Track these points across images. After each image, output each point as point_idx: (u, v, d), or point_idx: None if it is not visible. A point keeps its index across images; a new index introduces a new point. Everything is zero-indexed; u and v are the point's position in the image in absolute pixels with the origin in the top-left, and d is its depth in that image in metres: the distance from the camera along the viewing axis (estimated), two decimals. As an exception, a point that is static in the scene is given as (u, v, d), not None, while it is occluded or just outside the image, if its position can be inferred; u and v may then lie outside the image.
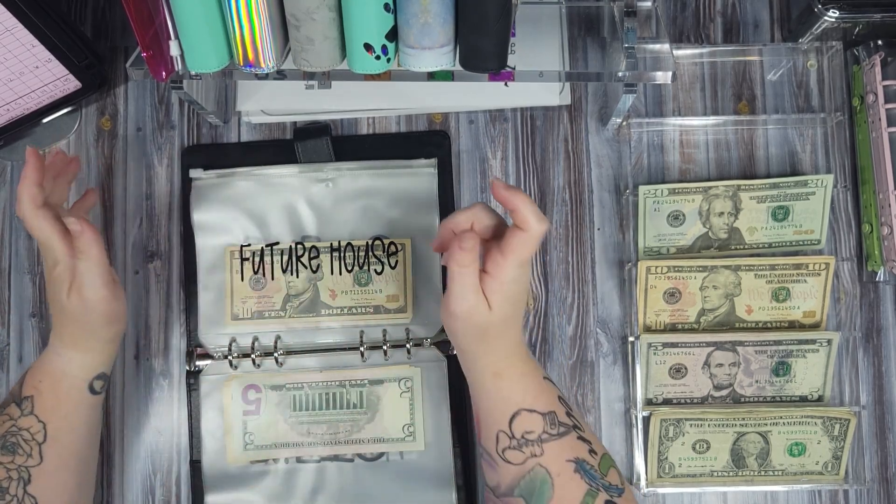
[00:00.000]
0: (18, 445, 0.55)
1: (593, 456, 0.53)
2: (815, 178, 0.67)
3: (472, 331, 0.53)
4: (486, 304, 0.52)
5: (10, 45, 0.58)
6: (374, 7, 0.51)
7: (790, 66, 0.71)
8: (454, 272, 0.52)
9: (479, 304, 0.52)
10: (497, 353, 0.54)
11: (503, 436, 0.53)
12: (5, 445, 0.55)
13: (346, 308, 0.67)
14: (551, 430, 0.52)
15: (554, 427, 0.53)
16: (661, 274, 0.67)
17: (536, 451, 0.52)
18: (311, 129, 0.69)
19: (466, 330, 0.54)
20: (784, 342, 0.67)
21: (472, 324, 0.53)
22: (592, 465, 0.52)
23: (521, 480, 0.52)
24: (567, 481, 0.51)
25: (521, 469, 0.52)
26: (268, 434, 0.66)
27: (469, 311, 0.52)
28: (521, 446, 0.53)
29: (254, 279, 0.67)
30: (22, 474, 0.55)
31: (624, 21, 0.58)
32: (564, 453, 0.52)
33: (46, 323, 0.69)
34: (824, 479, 0.67)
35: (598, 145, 0.70)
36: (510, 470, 0.53)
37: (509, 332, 0.54)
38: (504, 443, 0.53)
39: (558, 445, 0.52)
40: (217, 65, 0.55)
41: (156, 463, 0.68)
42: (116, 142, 0.71)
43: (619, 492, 0.52)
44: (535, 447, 0.52)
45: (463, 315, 0.53)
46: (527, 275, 0.53)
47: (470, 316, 0.53)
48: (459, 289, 0.52)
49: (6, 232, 0.70)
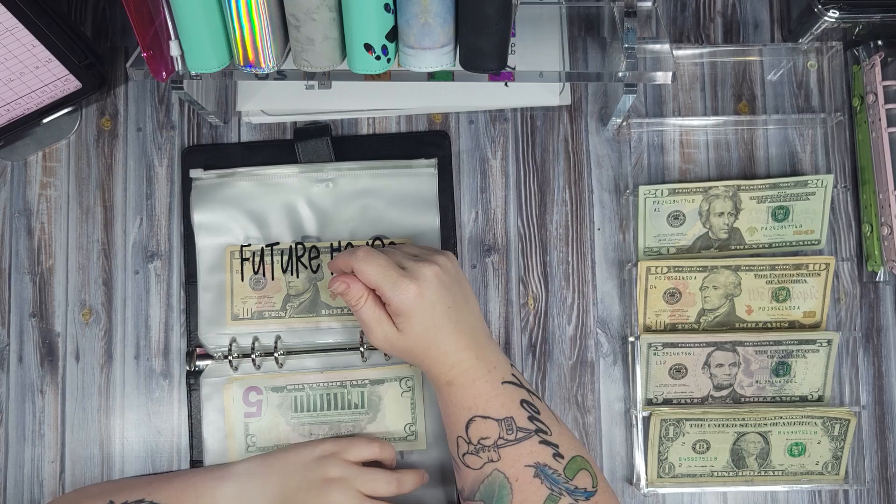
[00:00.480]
0: None
1: (558, 460, 0.53)
2: (815, 179, 0.67)
3: (403, 354, 0.56)
4: (393, 328, 0.55)
5: (10, 45, 0.58)
6: (375, 7, 0.51)
7: (790, 66, 0.71)
8: (353, 310, 0.57)
9: (386, 330, 0.55)
10: (440, 364, 0.55)
11: (462, 441, 0.54)
12: None
13: (346, 308, 0.67)
14: (508, 436, 0.53)
15: (511, 433, 0.53)
16: (661, 274, 0.67)
17: (493, 457, 0.52)
18: (311, 130, 0.69)
19: (396, 352, 0.57)
20: (784, 342, 0.67)
21: (394, 347, 0.56)
22: (555, 469, 0.52)
23: (481, 485, 0.53)
24: (525, 485, 0.52)
25: (480, 473, 0.53)
26: (270, 436, 0.66)
27: (382, 339, 0.56)
28: (478, 451, 0.53)
29: (254, 279, 0.67)
30: None
31: (624, 21, 0.58)
32: (522, 458, 0.52)
33: (46, 323, 0.69)
34: (824, 480, 0.67)
35: (598, 145, 0.70)
36: (470, 474, 0.54)
37: (439, 342, 0.55)
38: (463, 448, 0.54)
39: (515, 451, 0.52)
40: (217, 65, 0.55)
41: (156, 463, 0.68)
42: (116, 142, 0.71)
43: (586, 495, 0.52)
44: (491, 452, 0.53)
45: (380, 343, 0.56)
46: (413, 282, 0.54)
47: (386, 341, 0.56)
48: (364, 322, 0.56)
49: (6, 232, 0.70)
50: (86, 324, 0.69)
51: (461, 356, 0.55)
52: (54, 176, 0.70)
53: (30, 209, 0.70)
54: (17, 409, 0.68)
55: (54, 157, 0.70)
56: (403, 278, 0.54)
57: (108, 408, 0.68)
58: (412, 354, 0.56)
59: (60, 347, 0.69)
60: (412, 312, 0.54)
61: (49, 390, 0.68)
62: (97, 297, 0.69)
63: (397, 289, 0.54)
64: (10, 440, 0.68)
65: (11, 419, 0.68)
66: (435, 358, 0.55)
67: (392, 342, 0.56)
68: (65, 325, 0.69)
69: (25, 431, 0.68)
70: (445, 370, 0.55)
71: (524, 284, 0.69)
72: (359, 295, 0.56)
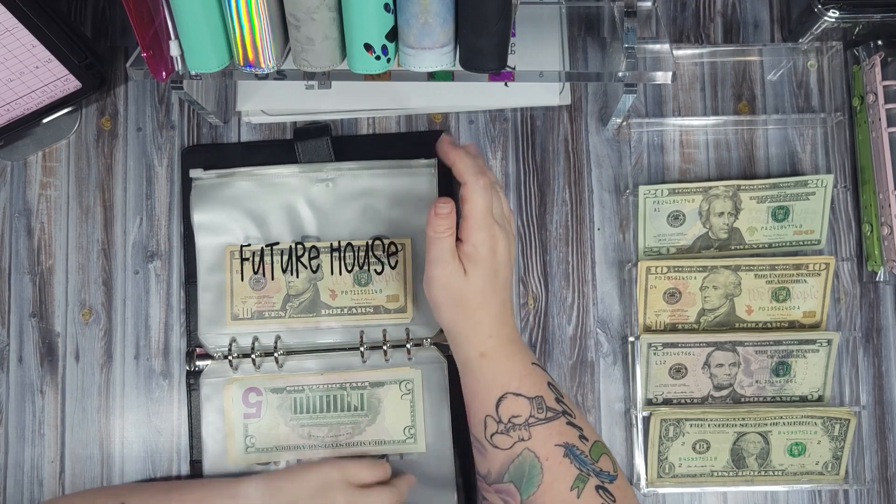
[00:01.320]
0: None
1: (584, 441, 0.53)
2: (815, 179, 0.67)
3: (452, 300, 0.56)
4: (462, 269, 0.55)
5: (10, 45, 0.58)
6: (374, 7, 0.51)
7: (790, 66, 0.71)
8: (430, 238, 0.56)
9: (455, 268, 0.55)
10: (481, 330, 0.55)
11: (490, 420, 0.54)
12: None
13: (346, 308, 0.67)
14: (539, 415, 0.53)
15: (542, 412, 0.53)
16: (661, 274, 0.67)
17: (524, 436, 0.52)
18: (311, 129, 0.69)
19: (447, 299, 0.56)
20: (784, 342, 0.67)
21: (450, 291, 0.55)
22: (583, 450, 0.52)
23: (511, 465, 0.52)
24: (556, 465, 0.51)
25: (510, 454, 0.52)
26: (269, 437, 0.66)
27: (446, 276, 0.55)
28: (508, 430, 0.53)
29: (254, 279, 0.67)
30: None
31: (624, 21, 0.58)
32: (553, 438, 0.52)
33: (46, 323, 0.69)
34: (824, 479, 0.67)
35: (598, 145, 0.70)
36: (499, 455, 0.53)
37: (489, 305, 0.55)
38: (492, 428, 0.54)
39: (546, 430, 0.52)
40: (217, 65, 0.55)
41: (156, 463, 0.68)
42: (116, 142, 0.71)
43: (610, 478, 0.52)
44: (522, 431, 0.52)
45: (440, 280, 0.56)
46: (496, 239, 0.55)
47: (448, 281, 0.55)
48: (436, 254, 0.56)
49: (6, 232, 0.70)
50: (86, 324, 0.69)
51: (502, 330, 0.56)
52: (54, 176, 0.70)
53: (30, 209, 0.70)
54: (17, 409, 0.68)
55: (54, 157, 0.70)
56: (494, 226, 0.55)
57: (107, 408, 0.68)
58: (461, 309, 0.56)
59: (60, 347, 0.69)
60: (484, 262, 0.55)
61: (49, 390, 0.68)
62: (97, 297, 0.69)
63: (485, 231, 0.55)
64: (10, 440, 0.68)
65: (11, 419, 0.68)
66: (479, 322, 0.55)
67: (454, 283, 0.55)
68: (65, 325, 0.69)
69: (25, 431, 0.68)
70: (483, 339, 0.55)
71: (524, 284, 0.69)
72: (450, 225, 0.56)
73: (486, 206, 0.55)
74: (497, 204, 0.57)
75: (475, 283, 0.55)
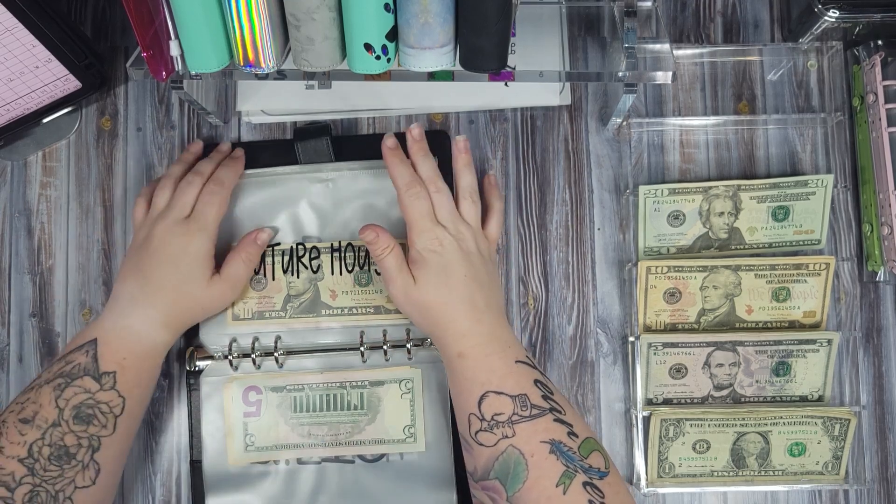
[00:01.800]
0: (95, 416, 0.56)
1: (573, 438, 0.52)
2: (816, 178, 0.67)
3: (416, 308, 0.58)
4: (411, 279, 0.57)
5: (10, 45, 0.58)
6: (375, 7, 0.51)
7: (790, 66, 0.71)
8: (377, 260, 0.59)
9: (404, 279, 0.58)
10: (454, 330, 0.56)
11: (474, 418, 0.54)
12: (79, 415, 0.56)
13: (347, 308, 0.67)
14: (522, 412, 0.53)
15: (525, 409, 0.53)
16: (661, 274, 0.67)
17: (508, 433, 0.52)
18: (311, 129, 0.69)
19: (411, 309, 0.58)
20: (784, 342, 0.67)
21: (410, 301, 0.58)
22: (571, 447, 0.52)
23: (495, 462, 0.52)
24: (541, 461, 0.51)
25: (494, 451, 0.52)
26: (269, 435, 0.66)
27: (399, 289, 0.58)
28: (491, 428, 0.53)
29: (254, 279, 0.67)
30: (93, 442, 0.56)
31: (624, 21, 0.58)
32: (538, 435, 0.52)
33: (46, 323, 0.69)
34: (824, 479, 0.67)
35: (598, 145, 0.70)
36: (484, 452, 0.53)
37: (452, 304, 0.56)
38: (476, 425, 0.54)
39: (531, 427, 0.52)
40: (217, 65, 0.55)
41: (156, 463, 0.68)
42: (116, 142, 0.71)
43: (600, 474, 0.51)
44: (506, 428, 0.52)
45: (397, 295, 0.58)
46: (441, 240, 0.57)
47: (403, 292, 0.58)
48: (385, 272, 0.59)
49: (6, 232, 0.70)
50: (86, 323, 0.69)
51: (475, 329, 0.56)
52: (54, 176, 0.70)
53: (30, 209, 0.70)
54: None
55: (54, 156, 0.70)
56: (435, 229, 0.57)
57: (108, 408, 0.68)
58: (427, 314, 0.57)
59: (60, 347, 0.69)
60: (431, 265, 0.56)
61: (49, 390, 0.68)
62: (97, 297, 0.69)
63: (422, 236, 0.57)
64: (10, 440, 0.68)
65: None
66: (449, 322, 0.56)
67: (409, 293, 0.58)
68: (65, 325, 0.69)
69: (25, 431, 0.68)
70: (458, 338, 0.56)
71: (524, 284, 0.69)
72: (385, 244, 0.59)
73: (422, 211, 0.58)
74: (443, 204, 0.59)
75: (427, 287, 0.57)
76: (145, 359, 0.59)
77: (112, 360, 0.57)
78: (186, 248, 0.60)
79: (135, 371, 0.58)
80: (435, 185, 0.59)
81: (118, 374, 0.57)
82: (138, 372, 0.58)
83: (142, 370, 0.59)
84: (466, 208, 0.60)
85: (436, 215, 0.58)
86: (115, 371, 0.57)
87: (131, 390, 0.58)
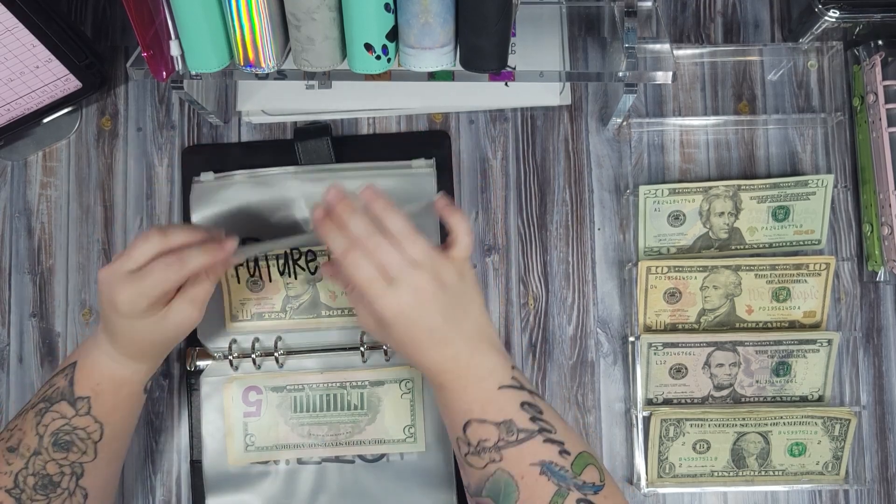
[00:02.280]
0: (73, 443, 0.55)
1: (565, 456, 0.52)
2: (816, 178, 0.67)
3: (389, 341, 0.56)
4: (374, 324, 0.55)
5: (10, 45, 0.58)
6: (375, 7, 0.51)
7: (790, 66, 0.71)
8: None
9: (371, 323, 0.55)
10: (427, 370, 0.55)
11: (461, 443, 0.53)
12: (58, 442, 0.55)
13: (347, 309, 0.67)
14: (508, 438, 0.52)
15: (511, 434, 0.52)
16: (661, 274, 0.67)
17: (495, 457, 0.52)
18: (311, 130, 0.69)
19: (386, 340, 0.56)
20: (784, 342, 0.67)
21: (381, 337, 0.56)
22: (562, 465, 0.51)
23: (487, 483, 0.52)
24: (532, 482, 0.51)
25: (484, 472, 0.52)
26: (269, 435, 0.66)
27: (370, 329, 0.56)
28: (479, 453, 0.52)
29: (251, 281, 0.67)
30: (75, 469, 0.55)
31: (624, 21, 0.58)
32: (527, 458, 0.51)
33: (46, 323, 0.69)
34: (824, 480, 0.67)
35: (598, 145, 0.70)
36: (475, 473, 0.53)
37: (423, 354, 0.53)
38: (464, 449, 0.53)
39: (518, 451, 0.52)
40: (217, 65, 0.55)
41: (156, 463, 0.68)
42: (116, 142, 0.71)
43: (595, 489, 0.51)
44: (493, 454, 0.52)
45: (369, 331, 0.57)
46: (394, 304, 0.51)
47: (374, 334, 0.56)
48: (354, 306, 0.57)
49: (6, 232, 0.70)
50: (86, 324, 0.69)
51: (448, 365, 0.54)
52: (54, 176, 0.70)
53: (30, 209, 0.70)
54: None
55: (54, 156, 0.70)
56: (387, 292, 0.51)
57: (108, 408, 0.68)
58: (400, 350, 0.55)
59: (60, 347, 0.69)
60: (392, 324, 0.52)
61: (49, 390, 0.68)
62: (97, 297, 0.69)
63: (377, 301, 0.51)
64: (10, 440, 0.68)
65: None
66: (420, 363, 0.54)
67: (377, 335, 0.56)
68: (65, 325, 0.69)
69: (25, 431, 0.68)
70: (433, 375, 0.54)
71: (524, 284, 0.69)
72: (344, 284, 0.58)
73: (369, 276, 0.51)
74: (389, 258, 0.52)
75: (395, 338, 0.54)
76: (121, 385, 0.57)
77: (86, 386, 0.56)
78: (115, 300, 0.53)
79: (110, 397, 0.57)
80: (372, 241, 0.52)
81: (92, 399, 0.56)
82: (114, 398, 0.57)
83: (118, 396, 0.57)
84: (410, 249, 0.53)
85: (386, 273, 0.52)
86: (90, 396, 0.56)
87: (108, 416, 0.56)
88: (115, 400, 0.57)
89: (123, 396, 0.58)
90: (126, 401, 0.58)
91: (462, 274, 0.55)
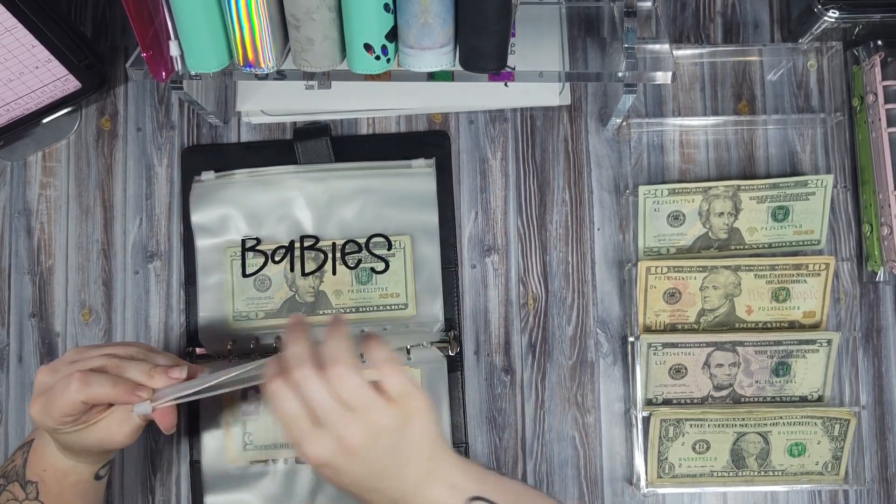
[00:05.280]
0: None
1: None
2: (815, 179, 0.67)
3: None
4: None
5: (10, 45, 0.58)
6: (374, 7, 0.51)
7: (790, 66, 0.71)
8: None
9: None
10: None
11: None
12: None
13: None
14: None
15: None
16: (661, 274, 0.67)
17: None
18: (311, 130, 0.69)
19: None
20: (784, 342, 0.67)
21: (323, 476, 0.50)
22: None
23: None
24: None
25: None
26: (267, 435, 0.66)
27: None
28: None
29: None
30: None
31: (624, 21, 0.58)
32: None
33: (46, 323, 0.69)
34: (824, 480, 0.67)
35: (598, 145, 0.70)
36: None
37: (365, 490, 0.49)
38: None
39: None
40: (217, 65, 0.55)
41: (155, 463, 0.68)
42: (116, 142, 0.71)
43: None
44: None
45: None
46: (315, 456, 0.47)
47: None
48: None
49: (6, 232, 0.70)
50: (86, 324, 0.69)
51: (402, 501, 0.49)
52: (54, 176, 0.70)
53: (30, 209, 0.70)
54: (17, 409, 0.68)
55: (54, 157, 0.70)
56: (311, 436, 0.46)
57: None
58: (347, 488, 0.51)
59: (60, 347, 0.69)
60: (317, 469, 0.48)
61: (49, 390, 0.68)
62: (97, 297, 0.69)
63: (299, 443, 0.47)
64: (10, 440, 0.68)
65: (11, 419, 0.68)
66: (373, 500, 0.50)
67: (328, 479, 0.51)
68: (65, 325, 0.69)
69: (25, 431, 0.68)
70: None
71: (524, 284, 0.69)
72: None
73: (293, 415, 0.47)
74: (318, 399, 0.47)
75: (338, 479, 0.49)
76: (66, 474, 0.55)
77: (34, 470, 0.55)
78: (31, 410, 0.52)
79: (55, 485, 0.55)
80: (299, 373, 0.47)
81: (39, 485, 0.55)
82: (59, 486, 0.55)
83: (63, 485, 0.55)
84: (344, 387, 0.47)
85: (312, 413, 0.47)
86: (37, 482, 0.55)
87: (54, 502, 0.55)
88: (61, 488, 0.55)
89: (69, 485, 0.56)
90: (73, 489, 0.56)
91: (407, 416, 0.48)
